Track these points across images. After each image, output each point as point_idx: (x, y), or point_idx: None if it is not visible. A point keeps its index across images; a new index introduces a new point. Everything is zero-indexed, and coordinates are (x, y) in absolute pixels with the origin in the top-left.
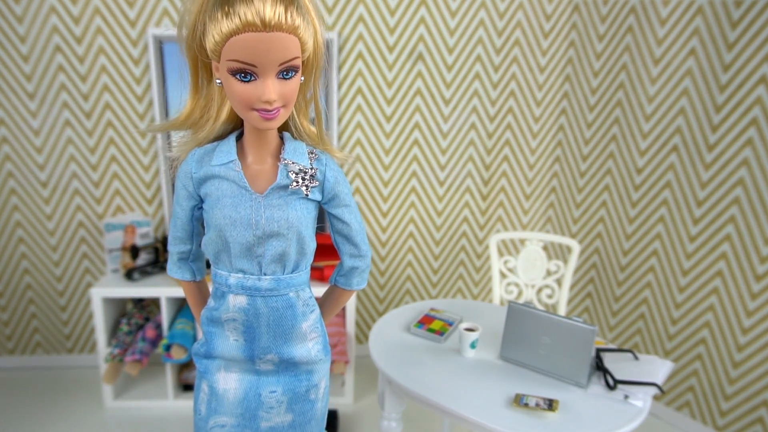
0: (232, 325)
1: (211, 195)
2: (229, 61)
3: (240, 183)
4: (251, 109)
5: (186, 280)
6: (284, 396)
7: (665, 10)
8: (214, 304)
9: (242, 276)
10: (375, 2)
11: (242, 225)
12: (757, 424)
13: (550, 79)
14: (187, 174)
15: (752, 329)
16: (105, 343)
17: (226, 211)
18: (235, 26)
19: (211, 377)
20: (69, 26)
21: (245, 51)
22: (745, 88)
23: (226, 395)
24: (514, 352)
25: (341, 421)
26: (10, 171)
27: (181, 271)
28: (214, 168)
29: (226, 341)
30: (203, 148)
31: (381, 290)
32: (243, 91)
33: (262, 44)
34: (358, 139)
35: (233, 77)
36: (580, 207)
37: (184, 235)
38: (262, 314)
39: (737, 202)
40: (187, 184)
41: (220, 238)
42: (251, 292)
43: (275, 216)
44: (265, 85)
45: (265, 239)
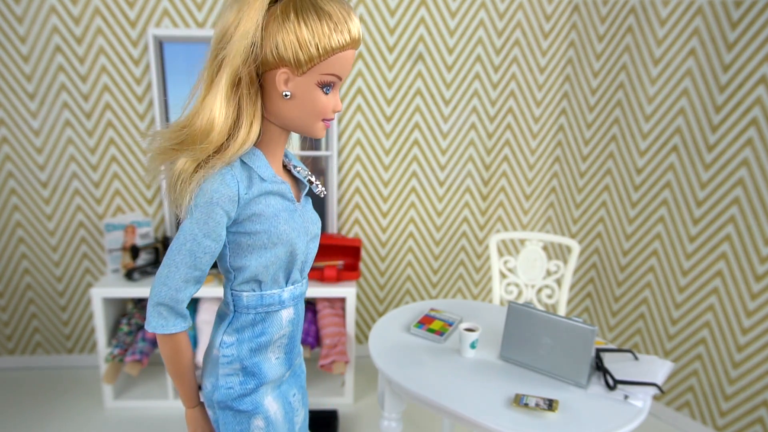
0: (279, 342)
1: (264, 213)
2: (324, 75)
3: (287, 194)
4: (321, 120)
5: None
6: (299, 394)
7: (665, 11)
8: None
9: (293, 287)
10: (375, 2)
11: (302, 234)
12: (757, 424)
13: (550, 80)
14: (231, 198)
15: (752, 329)
16: (105, 343)
17: (291, 224)
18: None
19: (263, 408)
20: (69, 26)
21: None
22: (745, 89)
23: (277, 419)
24: (514, 352)
25: (341, 421)
26: (11, 171)
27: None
28: (266, 185)
29: (271, 363)
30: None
31: (381, 290)
32: (326, 102)
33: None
34: (358, 139)
35: (320, 89)
36: (580, 207)
37: (205, 272)
38: (300, 318)
39: (737, 202)
40: (231, 209)
41: (288, 253)
42: (297, 300)
43: (314, 219)
44: (337, 97)
45: (311, 243)
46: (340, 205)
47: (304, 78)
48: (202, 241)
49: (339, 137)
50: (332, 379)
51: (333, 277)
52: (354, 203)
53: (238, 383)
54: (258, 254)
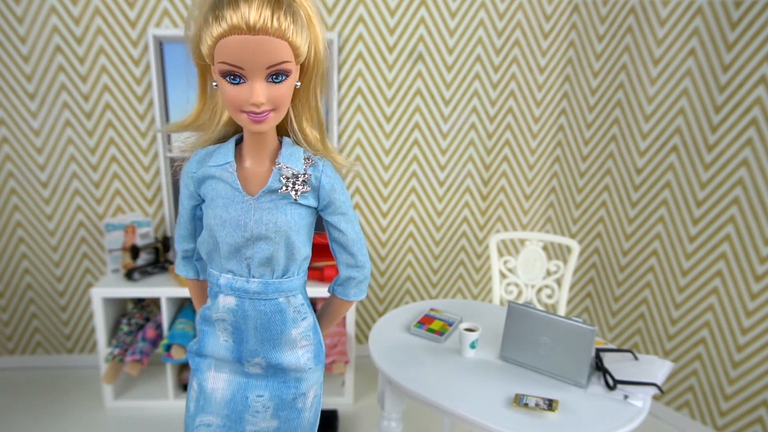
0: (222, 325)
1: (207, 195)
2: (219, 63)
3: (233, 185)
4: (241, 111)
5: (190, 277)
6: (271, 402)
7: (665, 11)
8: (209, 303)
9: (231, 277)
10: (375, 2)
11: (231, 226)
12: (757, 424)
13: (550, 80)
14: (188, 173)
15: (752, 329)
16: (105, 343)
17: (218, 212)
18: (222, 29)
19: (201, 375)
20: (69, 27)
21: (232, 53)
22: (745, 89)
23: (213, 394)
24: (514, 352)
25: (341, 421)
26: (11, 171)
27: (185, 269)
28: (211, 169)
29: (217, 341)
30: (205, 150)
31: (381, 290)
32: (232, 93)
33: (247, 47)
34: (358, 139)
35: (224, 79)
36: (579, 207)
37: (186, 233)
38: (250, 317)
39: (737, 202)
40: (188, 183)
41: (211, 237)
42: (239, 293)
43: (264, 219)
44: (252, 88)
45: (254, 242)
46: None
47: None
48: (180, 205)
49: (339, 137)
50: (332, 379)
51: (333, 277)
52: (354, 203)
53: (195, 341)
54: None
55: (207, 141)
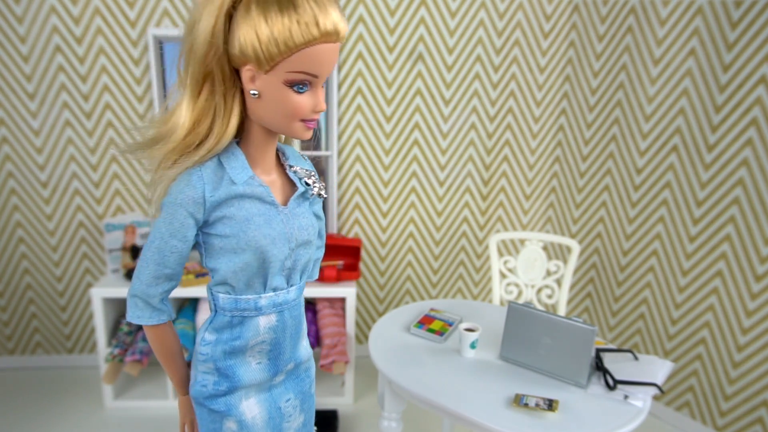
0: (258, 348)
1: (234, 217)
2: (291, 73)
3: (267, 198)
4: (298, 120)
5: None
6: (296, 400)
7: (665, 11)
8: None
9: (274, 294)
10: (375, 2)
11: (281, 241)
12: (757, 424)
13: (550, 80)
14: (196, 200)
15: (752, 329)
16: (105, 343)
17: (264, 230)
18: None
19: (238, 411)
20: (69, 26)
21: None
22: (745, 89)
23: (255, 423)
24: (514, 352)
25: (341, 421)
26: (11, 171)
27: (158, 313)
28: (238, 187)
29: (249, 368)
30: (208, 168)
31: (381, 290)
32: (300, 103)
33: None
34: (358, 139)
35: (290, 89)
36: (580, 207)
37: (177, 270)
38: (288, 326)
39: (737, 202)
40: (196, 211)
41: (259, 259)
42: (281, 307)
43: (304, 225)
44: (318, 96)
45: (297, 250)
46: (340, 205)
47: (271, 76)
48: (169, 240)
49: (339, 137)
50: (332, 379)
51: (333, 277)
52: (354, 203)
53: (212, 383)
54: (228, 258)
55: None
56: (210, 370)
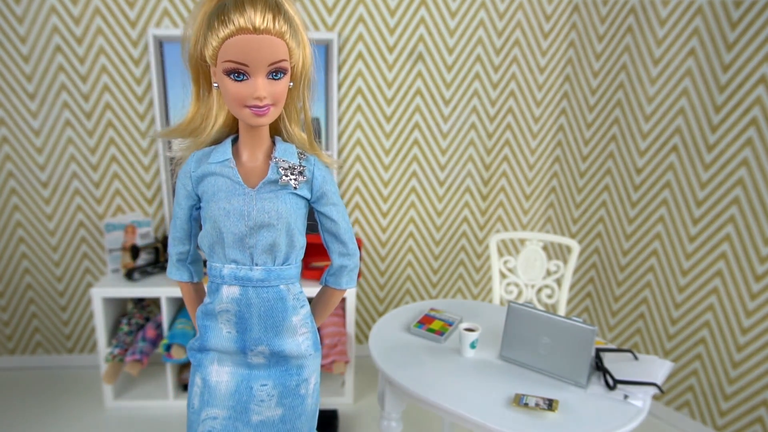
0: (225, 316)
1: (208, 191)
2: (224, 62)
3: (234, 178)
4: (244, 107)
5: (184, 281)
6: (275, 390)
7: (665, 11)
8: (209, 298)
9: (235, 266)
10: (375, 2)
11: (235, 216)
12: (757, 423)
13: (550, 80)
14: (186, 173)
15: (752, 329)
16: (105, 343)
17: (221, 204)
18: (229, 30)
19: (204, 370)
20: (69, 26)
21: (238, 51)
22: (745, 89)
23: (218, 387)
24: (514, 352)
25: (341, 421)
26: (11, 171)
27: (179, 272)
28: (211, 166)
29: (220, 333)
30: (202, 151)
31: (381, 290)
32: (236, 90)
33: (253, 45)
34: (358, 139)
35: (228, 77)
36: (579, 207)
37: (183, 235)
38: (254, 305)
39: (737, 202)
40: (186, 183)
41: (215, 229)
42: (243, 282)
43: (266, 207)
44: (256, 84)
45: (257, 230)
46: None
47: (217, 69)
48: (175, 208)
49: (339, 137)
50: (332, 379)
51: None
52: (354, 203)
53: (195, 338)
54: (203, 225)
55: (203, 143)
56: (198, 326)
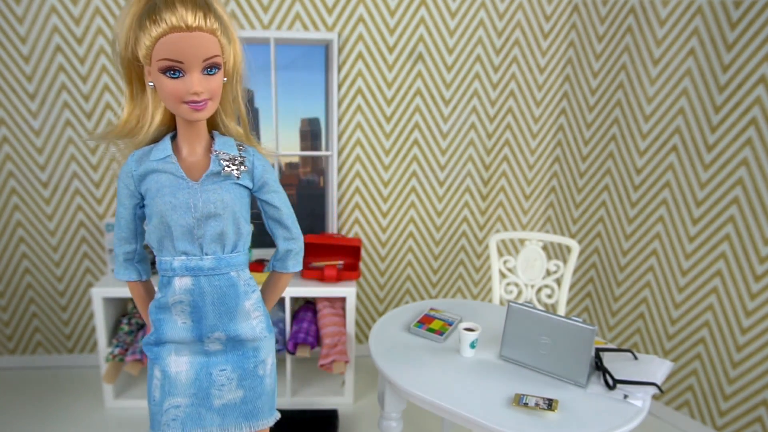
0: (179, 307)
1: (152, 188)
2: (159, 61)
3: (177, 173)
4: (182, 103)
5: (133, 280)
6: (234, 373)
7: (665, 11)
8: (161, 293)
9: (185, 258)
10: (375, 2)
11: (182, 209)
12: (757, 423)
13: (549, 80)
14: (127, 173)
15: (751, 329)
16: (106, 343)
17: (167, 198)
18: (162, 30)
19: (163, 362)
20: (69, 27)
21: (172, 49)
22: (745, 89)
23: (178, 377)
24: (513, 352)
25: (341, 421)
26: (11, 171)
27: (127, 272)
28: (153, 163)
29: (175, 325)
30: (141, 150)
31: (381, 290)
32: (173, 87)
33: (186, 42)
34: (358, 139)
35: (164, 75)
36: (579, 207)
37: (129, 234)
38: (207, 293)
39: (736, 202)
40: (129, 182)
41: (163, 223)
42: (195, 272)
43: (211, 198)
44: (191, 79)
45: (204, 221)
46: (340, 205)
47: (152, 68)
48: (118, 208)
49: (339, 137)
50: (332, 379)
51: (333, 276)
52: (354, 203)
53: (150, 334)
54: (149, 222)
55: (141, 143)
56: (152, 321)
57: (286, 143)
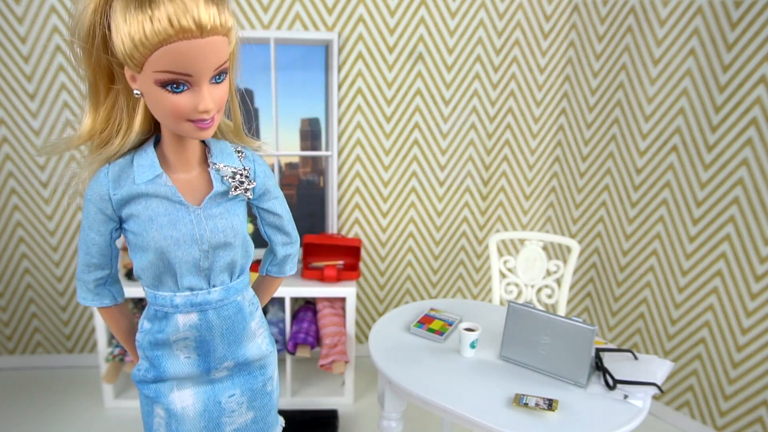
0: (183, 344)
1: (140, 215)
2: (157, 73)
3: (174, 198)
4: (185, 121)
5: (106, 306)
6: (243, 396)
7: (665, 11)
8: (154, 326)
9: (190, 293)
10: (375, 2)
11: (186, 243)
12: (757, 423)
13: (550, 80)
14: (102, 197)
15: (752, 329)
16: (105, 343)
17: (165, 231)
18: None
19: (165, 399)
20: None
21: (179, 61)
22: (745, 89)
23: (185, 413)
24: (514, 352)
25: (341, 421)
26: (11, 171)
27: (99, 298)
28: (140, 186)
29: (177, 360)
30: (117, 165)
31: (381, 290)
32: (177, 104)
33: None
34: (358, 139)
35: (163, 89)
36: (579, 207)
37: (103, 261)
38: (215, 326)
39: (737, 202)
40: (104, 207)
41: (162, 260)
42: (202, 307)
43: (219, 226)
44: (201, 95)
45: (212, 252)
46: (340, 205)
47: (143, 76)
48: (88, 233)
49: (339, 137)
50: (332, 379)
51: (333, 276)
52: (354, 203)
53: (144, 369)
54: (137, 254)
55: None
56: (143, 356)
57: (286, 143)
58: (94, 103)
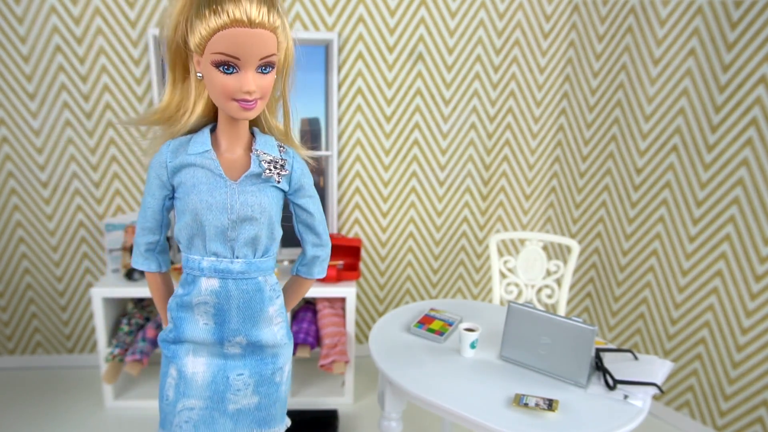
0: (203, 308)
1: (186, 182)
2: (213, 54)
3: (215, 171)
4: (231, 100)
5: (152, 271)
6: (251, 378)
7: (665, 11)
8: (184, 290)
9: (215, 259)
10: (375, 2)
11: (218, 209)
12: (757, 423)
13: (549, 80)
14: (161, 164)
15: (752, 329)
16: (105, 343)
17: (203, 196)
18: (222, 22)
19: (180, 361)
20: (69, 27)
21: (230, 44)
22: (745, 89)
23: (194, 378)
24: (514, 352)
25: (341, 421)
26: (11, 171)
27: (147, 262)
28: (190, 157)
29: (196, 325)
30: (177, 140)
31: (381, 290)
32: (225, 82)
33: (246, 39)
34: (358, 139)
35: (216, 69)
36: (579, 207)
37: (154, 225)
38: (233, 297)
39: (737, 202)
40: (161, 173)
41: (196, 221)
42: (223, 274)
43: (249, 201)
44: (245, 77)
45: (239, 223)
46: (340, 205)
47: (204, 59)
48: (146, 197)
49: (339, 137)
50: (332, 379)
51: (333, 277)
52: (354, 203)
53: (169, 329)
54: (180, 218)
55: (177, 132)
56: (171, 318)
57: None
58: (171, 84)
